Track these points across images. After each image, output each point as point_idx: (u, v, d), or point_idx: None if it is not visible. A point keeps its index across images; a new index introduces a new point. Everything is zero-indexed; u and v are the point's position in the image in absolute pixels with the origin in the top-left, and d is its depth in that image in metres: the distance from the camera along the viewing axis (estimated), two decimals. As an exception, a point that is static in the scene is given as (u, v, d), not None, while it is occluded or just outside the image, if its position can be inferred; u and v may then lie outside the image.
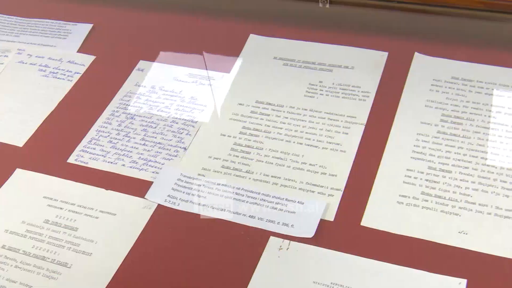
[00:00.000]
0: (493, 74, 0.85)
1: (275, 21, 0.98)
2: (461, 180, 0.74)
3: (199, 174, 0.79)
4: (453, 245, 0.68)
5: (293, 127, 0.83)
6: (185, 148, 0.82)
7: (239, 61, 0.93)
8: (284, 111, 0.85)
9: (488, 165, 0.75)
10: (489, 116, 0.80)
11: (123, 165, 0.81)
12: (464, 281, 0.65)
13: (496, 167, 0.75)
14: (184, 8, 1.04)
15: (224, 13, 1.01)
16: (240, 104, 0.87)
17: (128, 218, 0.75)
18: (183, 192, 0.77)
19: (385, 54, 0.90)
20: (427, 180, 0.74)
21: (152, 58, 0.96)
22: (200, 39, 0.99)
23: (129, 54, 0.98)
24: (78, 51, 1.00)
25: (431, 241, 0.69)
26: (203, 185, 0.77)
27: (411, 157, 0.77)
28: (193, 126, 0.85)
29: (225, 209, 0.74)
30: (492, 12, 0.88)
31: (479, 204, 0.71)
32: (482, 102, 0.82)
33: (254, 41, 0.96)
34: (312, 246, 0.70)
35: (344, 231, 0.71)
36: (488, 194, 0.72)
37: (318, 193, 0.75)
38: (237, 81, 0.90)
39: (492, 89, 0.83)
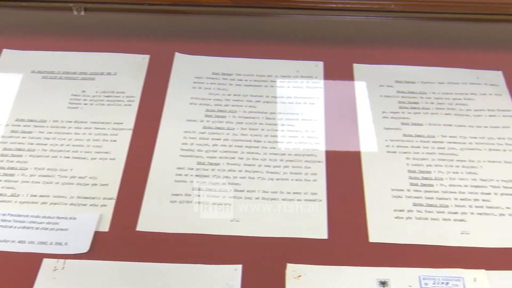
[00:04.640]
0: (250, 66, 0.90)
1: (30, 33, 0.94)
2: (229, 170, 0.77)
3: (-43, 206, 0.73)
4: (227, 234, 0.71)
5: (59, 142, 0.79)
6: None
7: (-7, 79, 0.87)
8: (47, 126, 0.81)
9: (252, 153, 0.79)
10: (250, 106, 0.85)
11: None
12: (239, 267, 0.68)
13: (259, 153, 0.79)
14: None
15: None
16: (-2, 124, 0.82)
17: None
18: None
19: (147, 57, 0.90)
20: (197, 175, 0.76)
21: None
22: None
23: None
24: None
25: (206, 234, 0.71)
26: (-37, 217, 0.71)
27: (180, 155, 0.78)
28: None
29: (-10, 239, 0.69)
30: (239, 8, 0.93)
31: (248, 191, 0.75)
32: (242, 94, 0.86)
33: (8, 56, 0.90)
34: (88, 260, 0.68)
35: (120, 240, 0.70)
36: (255, 180, 0.76)
37: (91, 205, 0.73)
38: (-7, 101, 0.84)
39: (250, 80, 0.88)
